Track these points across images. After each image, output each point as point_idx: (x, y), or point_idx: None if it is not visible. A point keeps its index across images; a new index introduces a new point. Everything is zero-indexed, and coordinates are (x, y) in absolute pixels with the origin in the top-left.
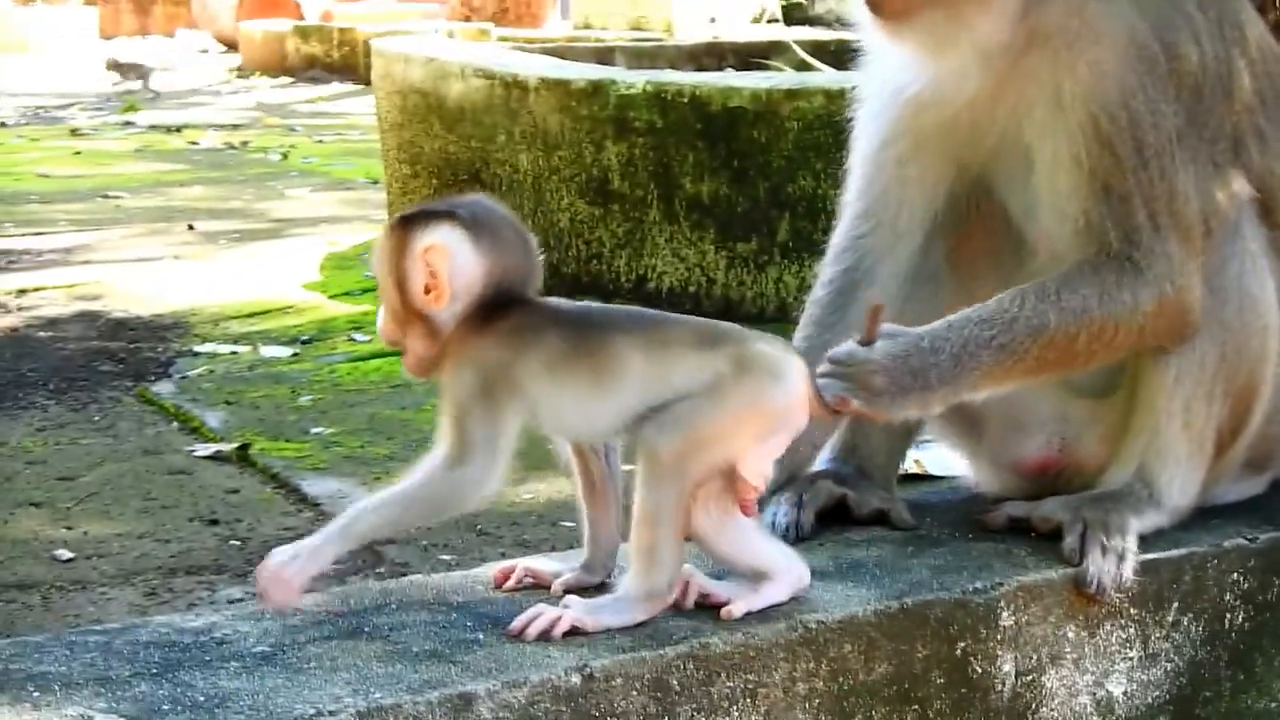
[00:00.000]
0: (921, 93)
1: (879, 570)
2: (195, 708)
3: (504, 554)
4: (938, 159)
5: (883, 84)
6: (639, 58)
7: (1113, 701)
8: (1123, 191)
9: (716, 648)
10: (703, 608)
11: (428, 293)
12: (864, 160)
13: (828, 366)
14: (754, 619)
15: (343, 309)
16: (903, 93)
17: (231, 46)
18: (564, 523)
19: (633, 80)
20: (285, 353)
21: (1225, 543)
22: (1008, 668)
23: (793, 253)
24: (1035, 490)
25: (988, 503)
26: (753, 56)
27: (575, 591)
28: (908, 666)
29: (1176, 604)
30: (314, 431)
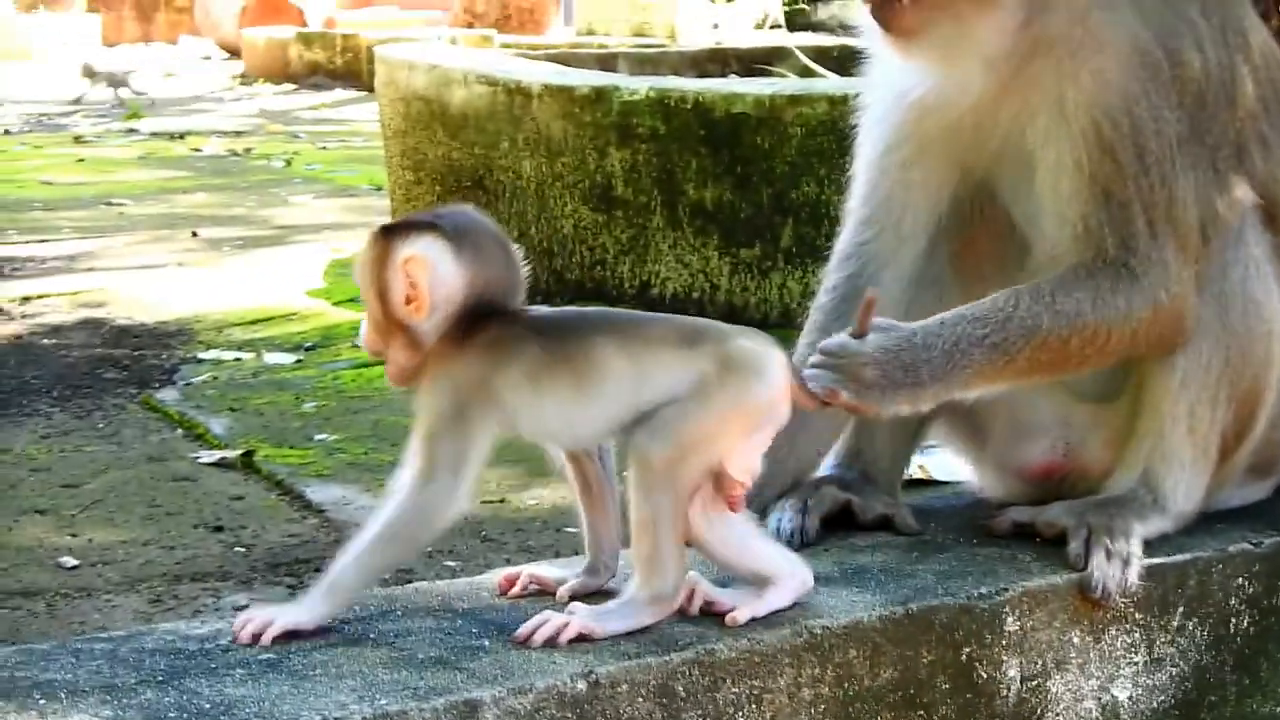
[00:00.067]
0: (925, 98)
1: (884, 576)
2: (201, 715)
3: (509, 560)
4: (941, 164)
5: (887, 89)
6: (642, 64)
7: (1118, 706)
8: (1123, 198)
9: (722, 654)
10: (708, 614)
11: (409, 303)
12: (868, 165)
13: (819, 357)
14: (759, 625)
15: (346, 316)
16: (906, 98)
17: (234, 53)
18: (568, 529)
19: (636, 86)
20: (289, 359)
21: (1230, 547)
22: (1013, 673)
23: (796, 258)
24: (1039, 495)
25: (992, 508)
26: (756, 62)
27: (580, 596)
28: (913, 672)
29: (1181, 609)
30: (318, 438)
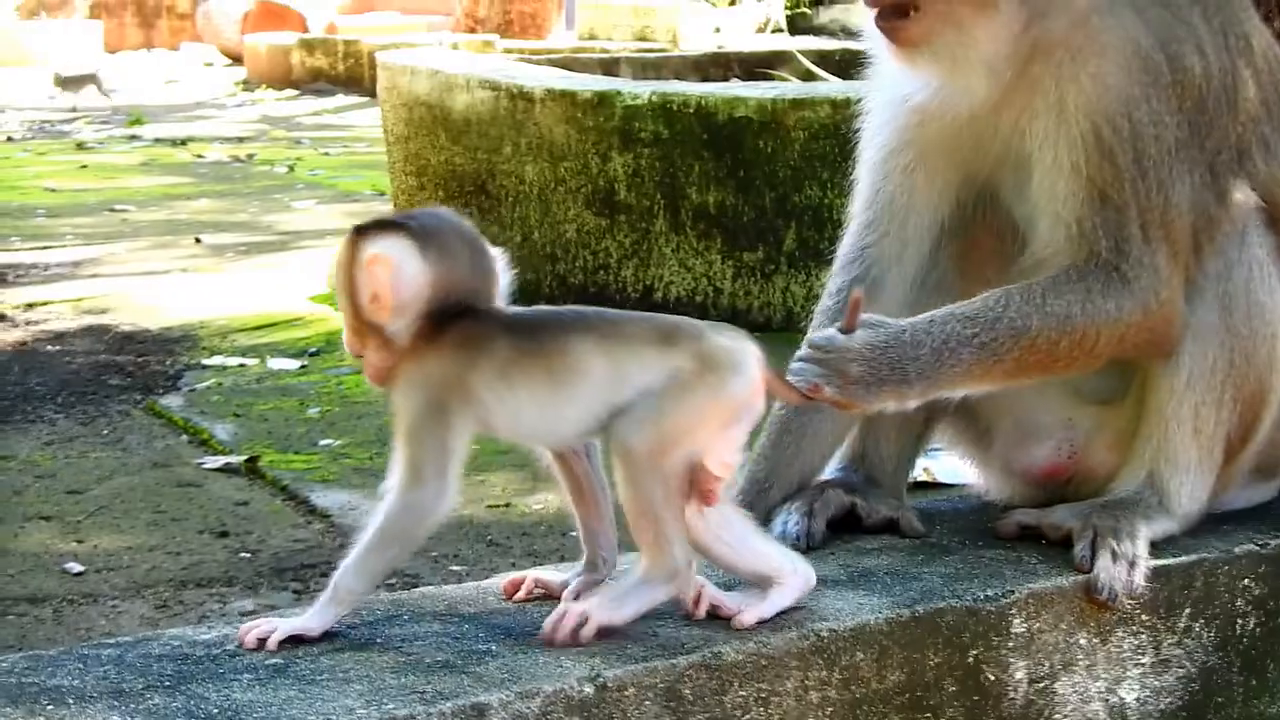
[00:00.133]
0: (927, 102)
1: (890, 578)
2: None
3: (514, 564)
4: (944, 168)
5: (889, 93)
6: (644, 68)
7: (1125, 708)
8: (1119, 201)
9: (729, 657)
10: (715, 618)
11: (374, 302)
12: (871, 169)
13: (805, 351)
14: (766, 628)
15: None
16: (908, 102)
17: (236, 60)
18: (573, 533)
19: (638, 91)
20: (293, 365)
21: (1236, 549)
22: (1020, 675)
23: (799, 262)
24: (1045, 497)
25: (997, 510)
26: (758, 66)
27: (583, 594)
28: (920, 674)
29: (1188, 610)
30: (322, 443)
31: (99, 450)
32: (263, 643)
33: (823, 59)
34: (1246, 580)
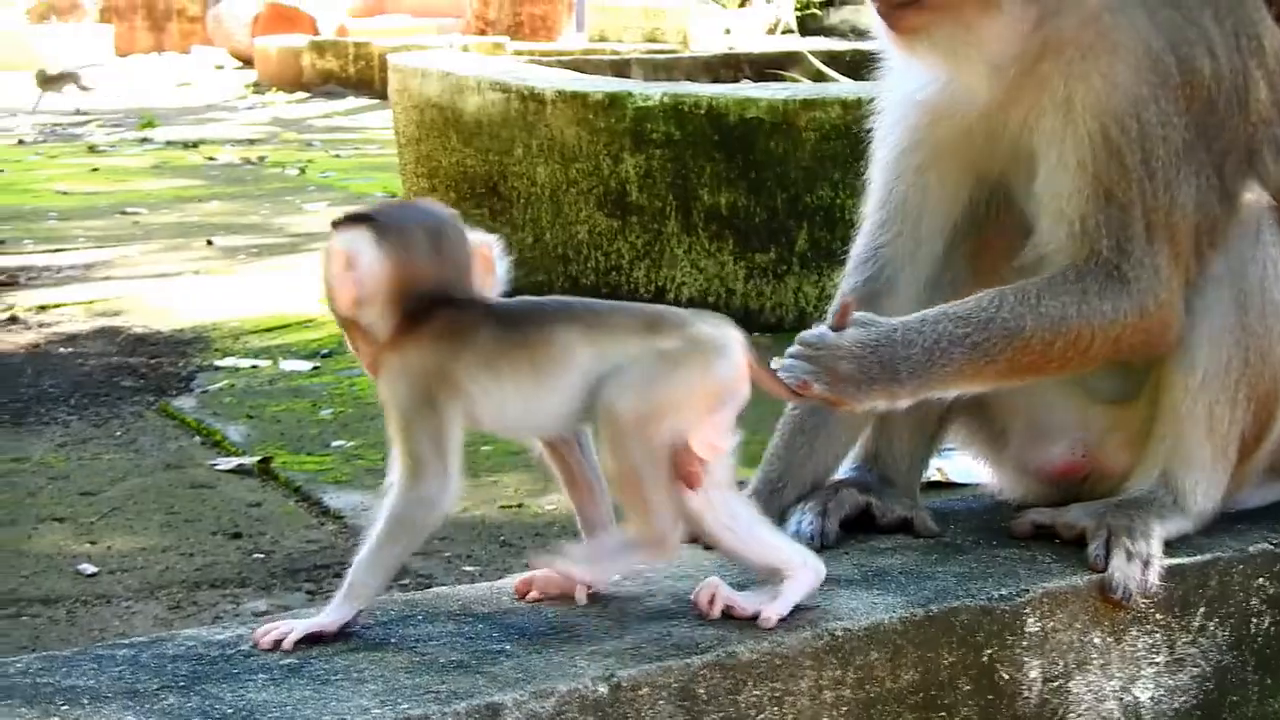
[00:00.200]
0: (938, 101)
1: (904, 578)
2: None
3: (527, 565)
4: (955, 167)
5: (900, 93)
6: (655, 70)
7: (1139, 707)
8: (1125, 201)
9: (743, 656)
10: (729, 618)
11: (341, 295)
12: (883, 169)
13: (796, 347)
14: (780, 627)
15: None
16: (919, 101)
17: (247, 62)
18: None
19: (650, 92)
20: (305, 366)
21: (1250, 548)
22: (1034, 674)
23: (811, 262)
24: (1059, 497)
25: (1011, 510)
26: (769, 67)
27: (592, 587)
28: (934, 674)
29: (1202, 609)
30: (335, 444)
31: (112, 452)
32: (279, 644)
33: (833, 60)
34: (1261, 579)
